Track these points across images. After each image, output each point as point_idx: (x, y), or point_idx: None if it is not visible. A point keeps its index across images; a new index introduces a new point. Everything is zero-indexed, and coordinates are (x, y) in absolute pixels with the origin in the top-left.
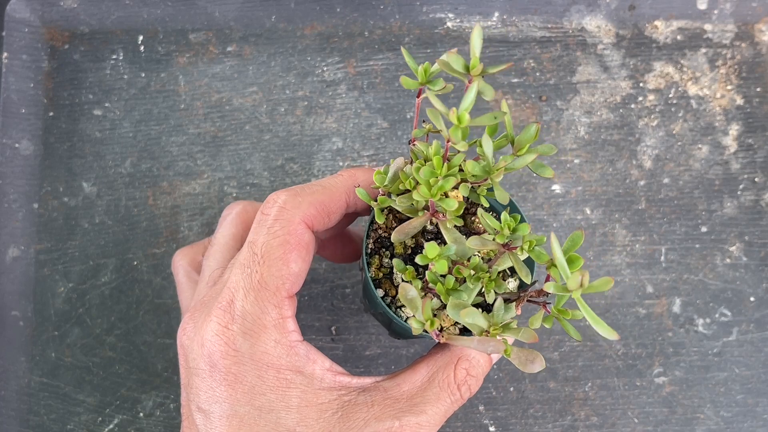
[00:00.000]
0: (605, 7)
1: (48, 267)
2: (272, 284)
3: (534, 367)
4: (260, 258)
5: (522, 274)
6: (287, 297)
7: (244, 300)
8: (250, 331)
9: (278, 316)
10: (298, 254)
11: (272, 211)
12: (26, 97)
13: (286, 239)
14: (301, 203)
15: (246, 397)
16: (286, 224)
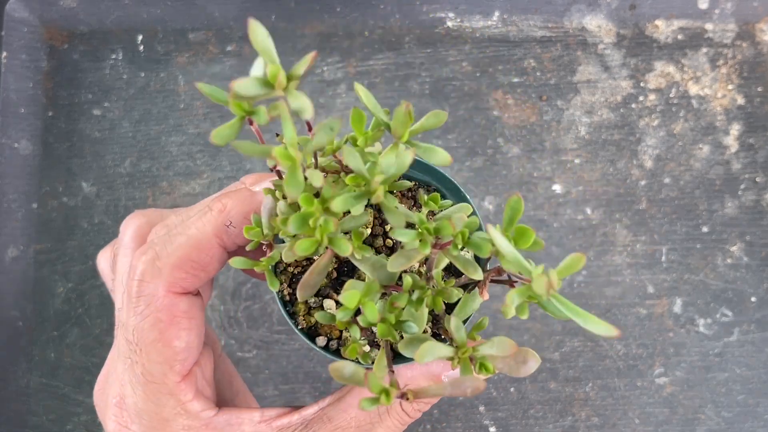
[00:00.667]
0: (606, 7)
1: (47, 267)
2: (158, 374)
3: (528, 369)
4: (135, 346)
5: (469, 272)
6: (180, 380)
7: (134, 396)
8: (153, 429)
9: (176, 404)
10: (177, 329)
11: (133, 287)
12: (25, 96)
13: (157, 317)
14: (161, 270)
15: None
16: (150, 300)
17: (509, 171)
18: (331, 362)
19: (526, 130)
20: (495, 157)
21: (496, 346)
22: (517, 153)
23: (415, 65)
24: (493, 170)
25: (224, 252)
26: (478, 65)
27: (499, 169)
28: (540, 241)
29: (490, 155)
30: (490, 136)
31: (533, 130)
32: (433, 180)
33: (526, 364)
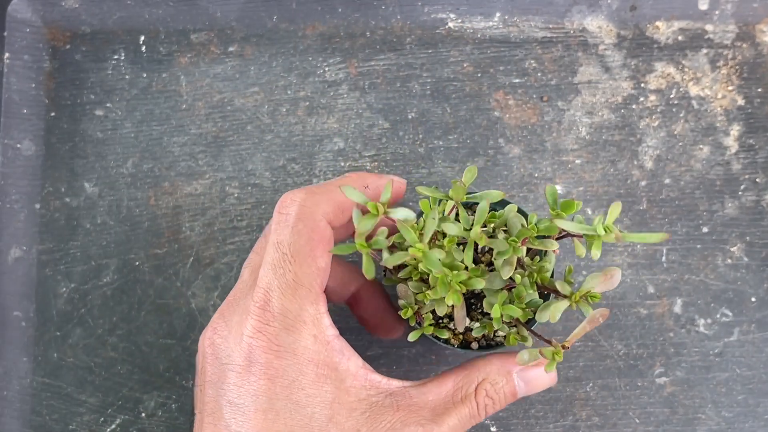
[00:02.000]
0: (606, 8)
1: (50, 267)
2: (306, 281)
3: (616, 280)
4: (290, 257)
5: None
6: (320, 293)
7: (281, 298)
8: (291, 327)
9: (315, 312)
10: (323, 249)
11: (292, 210)
12: (28, 97)
13: (311, 236)
14: (319, 201)
15: (285, 392)
16: (309, 222)
17: (510, 171)
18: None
19: (527, 130)
20: (496, 157)
21: (591, 282)
22: (518, 153)
23: (417, 66)
24: (494, 171)
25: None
26: (479, 66)
27: (500, 170)
28: (577, 202)
29: (491, 156)
30: (491, 137)
31: (534, 131)
32: None
33: (614, 278)
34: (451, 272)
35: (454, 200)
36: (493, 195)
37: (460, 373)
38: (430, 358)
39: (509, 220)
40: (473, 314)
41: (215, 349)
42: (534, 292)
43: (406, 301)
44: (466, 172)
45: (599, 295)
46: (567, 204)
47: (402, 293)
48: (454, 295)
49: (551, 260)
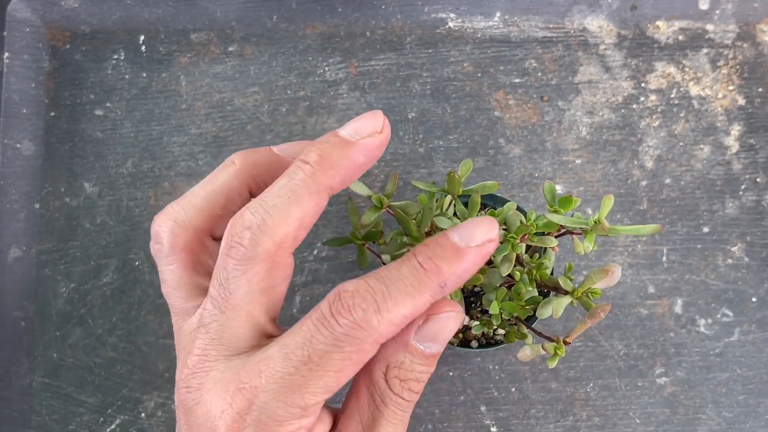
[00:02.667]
0: (607, 8)
1: (49, 267)
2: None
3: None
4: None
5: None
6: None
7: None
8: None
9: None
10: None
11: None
12: (27, 97)
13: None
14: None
15: None
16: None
17: (510, 171)
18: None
19: (528, 130)
20: (496, 157)
21: (593, 278)
22: (518, 153)
23: (417, 65)
24: (494, 171)
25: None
26: (479, 66)
27: (501, 170)
28: (575, 199)
29: (491, 156)
30: (492, 137)
31: (534, 131)
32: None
33: (614, 274)
34: None
35: (450, 193)
36: (488, 186)
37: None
38: None
39: (508, 218)
40: (473, 312)
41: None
42: (533, 290)
43: None
44: (462, 165)
45: (600, 291)
46: (565, 200)
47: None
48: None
49: (551, 258)
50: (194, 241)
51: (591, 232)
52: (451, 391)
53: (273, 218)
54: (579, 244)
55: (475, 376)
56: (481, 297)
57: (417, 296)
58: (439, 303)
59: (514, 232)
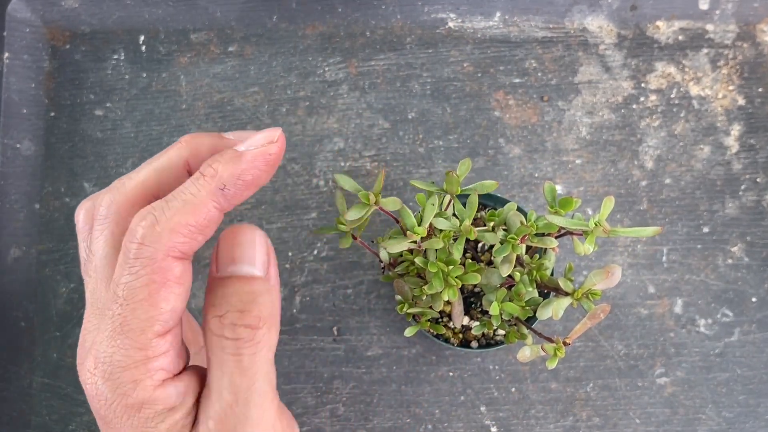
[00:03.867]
0: (607, 8)
1: (49, 267)
2: (137, 327)
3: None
4: (122, 300)
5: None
6: (156, 336)
7: (105, 343)
8: (111, 375)
9: (142, 357)
10: (168, 292)
11: (131, 248)
12: (27, 97)
13: (152, 279)
14: (161, 234)
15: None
16: (148, 262)
17: (510, 171)
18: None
19: (528, 130)
20: (496, 157)
21: (593, 279)
22: (518, 153)
23: (417, 66)
24: (494, 171)
25: (221, 214)
26: (479, 66)
27: (501, 170)
28: (576, 200)
29: (491, 156)
30: (492, 137)
31: (534, 131)
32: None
33: (614, 275)
34: (447, 267)
35: (449, 193)
36: (486, 185)
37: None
38: (430, 359)
39: (508, 218)
40: (473, 313)
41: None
42: (533, 290)
43: (403, 298)
44: (461, 165)
45: (600, 292)
46: (565, 201)
47: (399, 289)
48: (450, 289)
49: (551, 258)
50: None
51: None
52: (451, 391)
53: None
54: (579, 245)
55: (475, 376)
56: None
57: (196, 201)
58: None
59: (514, 232)
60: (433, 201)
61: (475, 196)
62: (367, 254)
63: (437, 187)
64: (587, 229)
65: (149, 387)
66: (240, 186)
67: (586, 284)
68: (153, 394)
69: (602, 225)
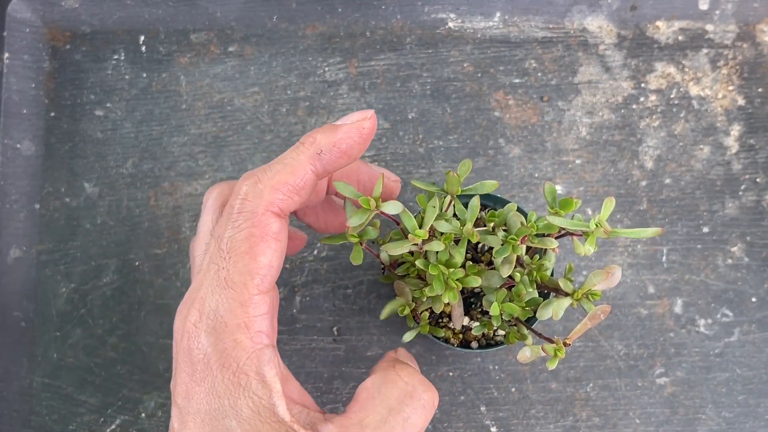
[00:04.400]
0: (607, 8)
1: (50, 267)
2: (239, 281)
3: (617, 278)
4: (226, 254)
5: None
6: (258, 293)
7: (210, 297)
8: (214, 330)
9: (243, 315)
10: (266, 246)
11: (236, 204)
12: (27, 97)
13: (251, 232)
14: (262, 191)
15: (208, 397)
16: (249, 216)
17: (510, 171)
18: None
19: (527, 130)
20: (496, 157)
21: (593, 279)
22: (518, 153)
23: (417, 66)
24: (494, 171)
25: (316, 178)
26: (479, 66)
27: (501, 170)
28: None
29: (491, 156)
30: (492, 137)
31: (534, 131)
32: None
33: (614, 276)
34: (447, 269)
35: (450, 194)
36: (487, 185)
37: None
38: (430, 359)
39: (508, 219)
40: (473, 313)
41: (174, 337)
42: (534, 291)
43: (404, 299)
44: (461, 165)
45: (600, 292)
46: (566, 202)
47: (399, 290)
48: (451, 292)
49: (551, 259)
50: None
51: (592, 234)
52: (451, 391)
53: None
54: (579, 246)
55: (475, 376)
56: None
57: (296, 164)
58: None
59: (514, 233)
60: (434, 203)
61: (477, 199)
62: (367, 254)
63: (438, 188)
64: (587, 230)
65: (249, 349)
66: (335, 153)
67: (586, 285)
68: (250, 357)
69: (603, 226)
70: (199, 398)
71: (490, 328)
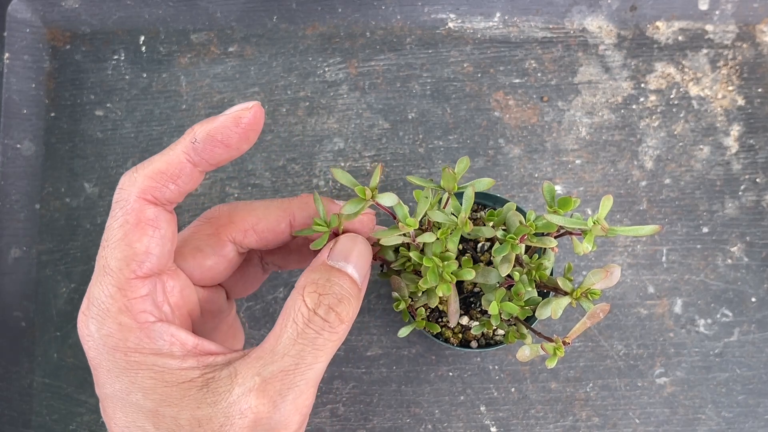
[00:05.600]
0: (607, 8)
1: (50, 267)
2: (114, 266)
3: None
4: (105, 242)
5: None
6: (135, 278)
7: (94, 285)
8: (97, 316)
9: (122, 298)
10: (141, 232)
11: (115, 195)
12: (28, 97)
13: (126, 219)
14: (136, 179)
15: (109, 381)
16: (123, 204)
17: (510, 172)
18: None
19: (527, 130)
20: (496, 157)
21: (592, 278)
22: (518, 154)
23: (417, 66)
24: (494, 171)
25: (194, 168)
26: (479, 66)
27: (501, 170)
28: (575, 199)
29: (491, 156)
30: (491, 137)
31: (534, 131)
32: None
33: (614, 275)
34: (442, 262)
35: (446, 190)
36: (483, 182)
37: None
38: (430, 358)
39: (507, 218)
40: (472, 313)
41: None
42: (533, 290)
43: (399, 295)
44: (459, 162)
45: (599, 291)
46: (564, 201)
47: (395, 286)
48: (444, 285)
49: (550, 258)
50: None
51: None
52: (451, 391)
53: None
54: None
55: (475, 376)
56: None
57: (171, 153)
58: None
59: (513, 232)
60: (427, 194)
61: (472, 190)
62: None
63: (434, 184)
64: (586, 228)
65: (135, 329)
66: (209, 142)
67: (584, 284)
68: (139, 336)
69: (601, 224)
70: (102, 383)
71: (489, 327)
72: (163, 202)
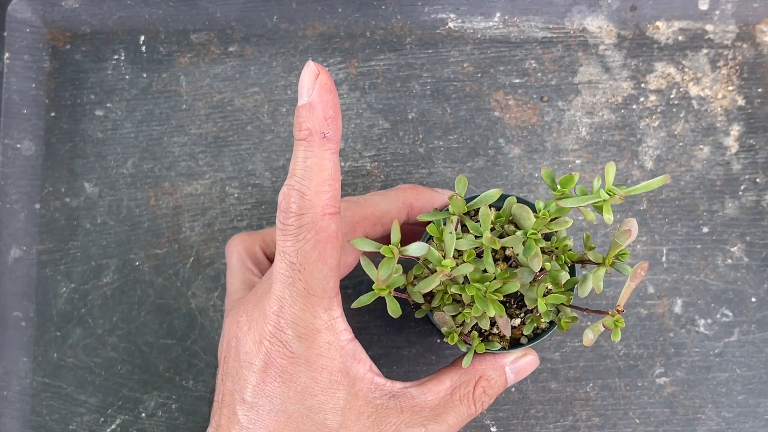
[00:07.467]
0: (607, 8)
1: (50, 267)
2: (318, 288)
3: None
4: (299, 266)
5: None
6: (334, 296)
7: (292, 307)
8: (304, 336)
9: (329, 318)
10: (332, 248)
11: (293, 222)
12: (28, 97)
13: (317, 239)
14: (311, 200)
15: (298, 397)
16: (311, 226)
17: (510, 171)
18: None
19: (527, 130)
20: (496, 157)
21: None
22: (518, 154)
23: (417, 66)
24: (494, 171)
25: (337, 155)
26: (479, 66)
27: (501, 170)
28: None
29: (491, 156)
30: (492, 137)
31: (534, 131)
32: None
33: (633, 228)
34: (483, 285)
35: (457, 214)
36: (490, 195)
37: (457, 371)
38: (430, 358)
39: (514, 214)
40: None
41: (237, 342)
42: (566, 273)
43: (448, 327)
44: (457, 183)
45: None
46: (567, 179)
47: (441, 320)
48: (494, 305)
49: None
50: None
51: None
52: None
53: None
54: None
55: None
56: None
57: (315, 159)
58: (531, 351)
59: (533, 227)
60: (450, 229)
61: (486, 207)
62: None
63: (444, 213)
64: (601, 201)
65: (340, 348)
66: (331, 122)
67: (612, 249)
68: (342, 355)
69: (617, 192)
70: (284, 398)
71: (538, 322)
72: (337, 207)
